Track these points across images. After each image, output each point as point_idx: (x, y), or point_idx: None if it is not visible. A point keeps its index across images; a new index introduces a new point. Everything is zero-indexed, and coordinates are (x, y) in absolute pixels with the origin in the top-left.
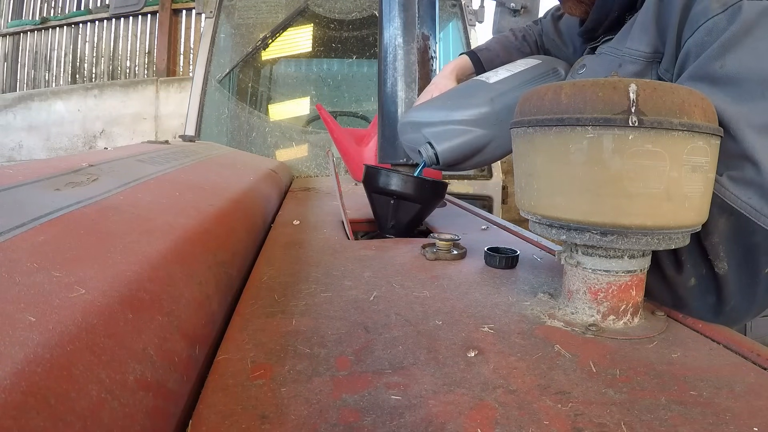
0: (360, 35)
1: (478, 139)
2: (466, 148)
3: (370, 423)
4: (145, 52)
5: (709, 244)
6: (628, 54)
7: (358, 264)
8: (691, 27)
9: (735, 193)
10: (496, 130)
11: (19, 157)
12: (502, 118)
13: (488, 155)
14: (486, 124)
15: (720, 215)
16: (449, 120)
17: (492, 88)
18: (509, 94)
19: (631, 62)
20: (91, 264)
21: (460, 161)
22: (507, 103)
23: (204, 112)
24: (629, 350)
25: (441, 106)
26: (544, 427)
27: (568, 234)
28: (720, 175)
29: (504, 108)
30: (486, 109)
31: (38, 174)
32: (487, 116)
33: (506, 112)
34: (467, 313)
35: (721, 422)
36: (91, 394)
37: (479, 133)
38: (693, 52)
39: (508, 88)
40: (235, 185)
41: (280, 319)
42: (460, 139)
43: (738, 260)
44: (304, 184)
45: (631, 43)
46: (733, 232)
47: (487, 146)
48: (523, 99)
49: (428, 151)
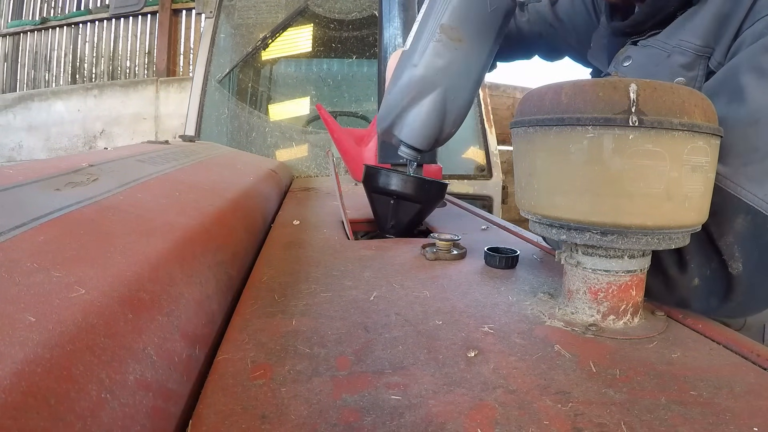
0: (360, 35)
1: (433, 107)
2: (430, 122)
3: (370, 423)
4: (145, 52)
5: (723, 245)
6: (678, 45)
7: (358, 264)
8: (753, 18)
9: (752, 191)
10: (440, 85)
11: (19, 157)
12: (437, 69)
13: (455, 111)
14: (426, 89)
15: (736, 215)
16: (397, 109)
17: (410, 51)
18: (426, 43)
19: (680, 53)
20: (91, 264)
21: (437, 135)
22: (430, 53)
23: (204, 112)
24: (629, 350)
25: (386, 99)
26: (544, 427)
27: (568, 234)
28: (735, 173)
29: (431, 59)
30: (414, 74)
31: (38, 174)
32: (421, 80)
33: (435, 60)
34: (467, 313)
35: (721, 422)
36: (91, 394)
37: (428, 102)
38: (748, 41)
39: (422, 38)
40: (235, 185)
41: (280, 319)
42: (417, 118)
43: (755, 260)
44: (304, 184)
45: (683, 35)
46: (751, 231)
47: (446, 105)
48: (523, 99)
49: (404, 150)
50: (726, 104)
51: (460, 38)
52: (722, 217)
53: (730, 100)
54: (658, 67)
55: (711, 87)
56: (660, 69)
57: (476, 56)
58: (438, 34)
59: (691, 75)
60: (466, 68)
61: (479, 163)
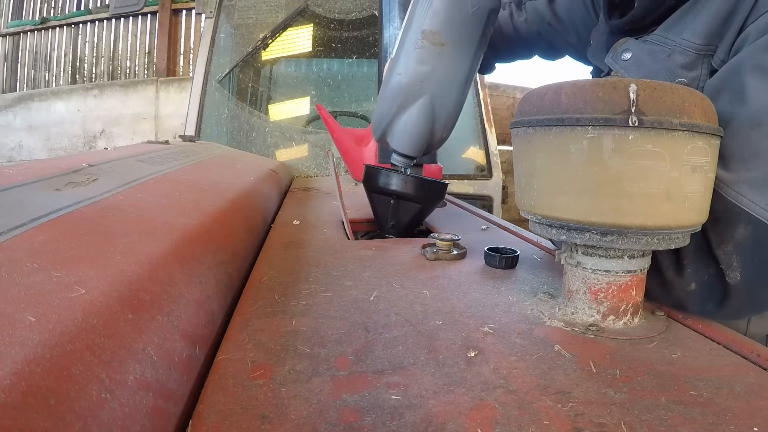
0: (360, 35)
1: (420, 114)
2: (419, 129)
3: (370, 423)
4: (145, 52)
5: (722, 253)
6: (679, 44)
7: (358, 264)
8: (757, 13)
9: (754, 201)
10: (426, 91)
11: (19, 157)
12: (422, 76)
13: (444, 116)
14: (411, 96)
15: (736, 224)
16: (386, 118)
17: (394, 60)
18: (409, 51)
19: (681, 53)
20: (91, 264)
21: (429, 141)
22: (413, 60)
23: (204, 112)
24: (629, 350)
25: (377, 109)
26: (544, 427)
27: (568, 234)
28: (737, 179)
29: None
30: (399, 83)
31: (38, 174)
32: (406, 88)
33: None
34: (467, 313)
35: (721, 422)
36: (91, 394)
37: (415, 109)
38: (752, 37)
39: (404, 46)
40: (235, 185)
41: (280, 319)
42: (405, 126)
43: (754, 270)
44: (304, 184)
45: (684, 33)
46: (751, 241)
47: (434, 111)
48: (523, 99)
49: (396, 158)
50: (728, 104)
51: (442, 42)
52: (722, 226)
53: (732, 100)
54: (659, 65)
55: (713, 85)
56: (660, 68)
57: (461, 59)
58: (420, 41)
59: (692, 75)
60: (452, 72)
61: (479, 163)
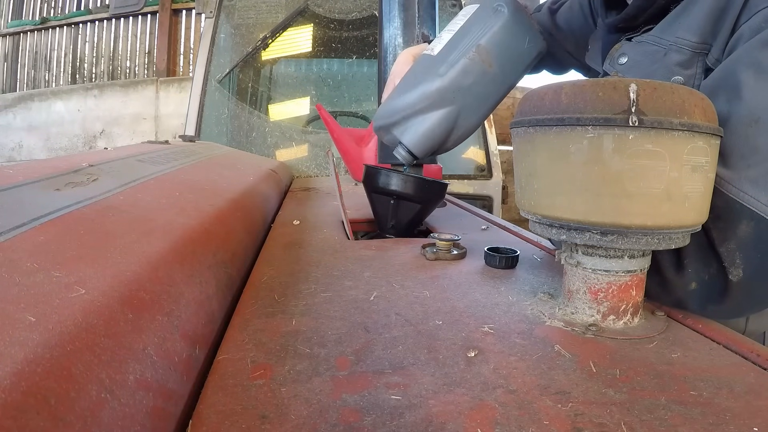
0: (360, 35)
1: (443, 120)
2: (435, 134)
3: (370, 423)
4: (145, 52)
5: (725, 251)
6: (675, 43)
7: (358, 264)
8: (750, 11)
9: (755, 197)
10: (458, 102)
11: (19, 157)
12: (461, 86)
13: (462, 129)
14: (444, 101)
15: (739, 221)
16: (406, 111)
17: (438, 59)
18: (457, 57)
19: (677, 51)
20: (91, 264)
21: (437, 147)
22: (459, 68)
23: (204, 112)
24: (629, 350)
25: (396, 98)
26: (544, 427)
27: (568, 234)
28: (738, 176)
29: (458, 74)
30: (437, 84)
31: (38, 174)
32: (442, 92)
33: (461, 77)
34: (467, 313)
35: (721, 422)
36: (91, 394)
37: (441, 114)
38: (746, 36)
39: (454, 51)
40: (235, 185)
41: (280, 319)
42: (424, 126)
43: (756, 266)
44: (304, 184)
45: (679, 31)
46: (754, 238)
47: (456, 122)
48: (523, 99)
49: (401, 152)
50: (726, 102)
51: (491, 63)
52: (725, 223)
53: (730, 99)
54: (655, 65)
55: (709, 85)
56: (657, 67)
57: (499, 84)
58: (473, 53)
59: (688, 73)
60: (487, 94)
61: (479, 163)
